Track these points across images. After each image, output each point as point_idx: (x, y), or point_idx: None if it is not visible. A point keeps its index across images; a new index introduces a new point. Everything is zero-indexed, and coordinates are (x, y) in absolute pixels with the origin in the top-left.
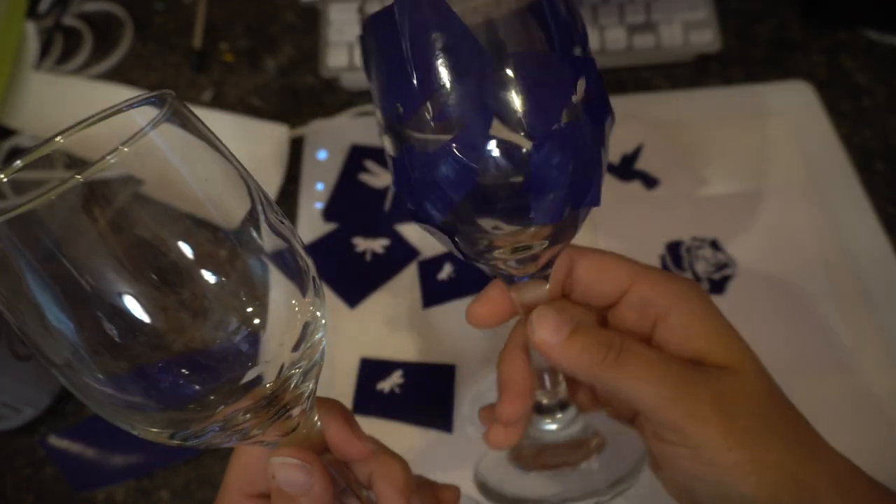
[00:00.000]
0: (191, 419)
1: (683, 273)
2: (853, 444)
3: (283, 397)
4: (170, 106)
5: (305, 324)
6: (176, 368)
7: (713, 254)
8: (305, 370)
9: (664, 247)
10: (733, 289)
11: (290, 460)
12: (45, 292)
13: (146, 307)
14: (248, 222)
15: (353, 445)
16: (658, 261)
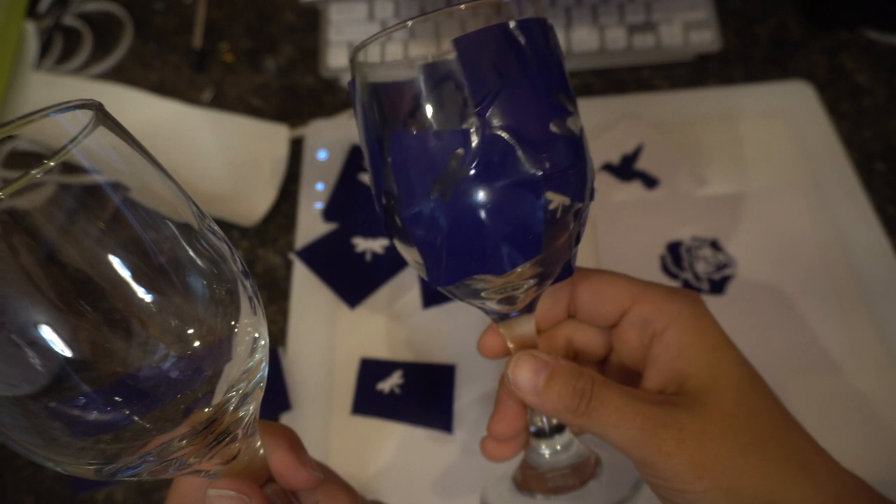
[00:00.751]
0: (122, 450)
1: (683, 273)
2: (852, 445)
3: (221, 422)
4: (97, 116)
5: (244, 345)
6: (106, 396)
7: (713, 254)
8: (245, 393)
9: (664, 247)
10: (733, 289)
11: (226, 492)
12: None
13: (65, 335)
14: (181, 238)
15: (297, 474)
16: (658, 261)
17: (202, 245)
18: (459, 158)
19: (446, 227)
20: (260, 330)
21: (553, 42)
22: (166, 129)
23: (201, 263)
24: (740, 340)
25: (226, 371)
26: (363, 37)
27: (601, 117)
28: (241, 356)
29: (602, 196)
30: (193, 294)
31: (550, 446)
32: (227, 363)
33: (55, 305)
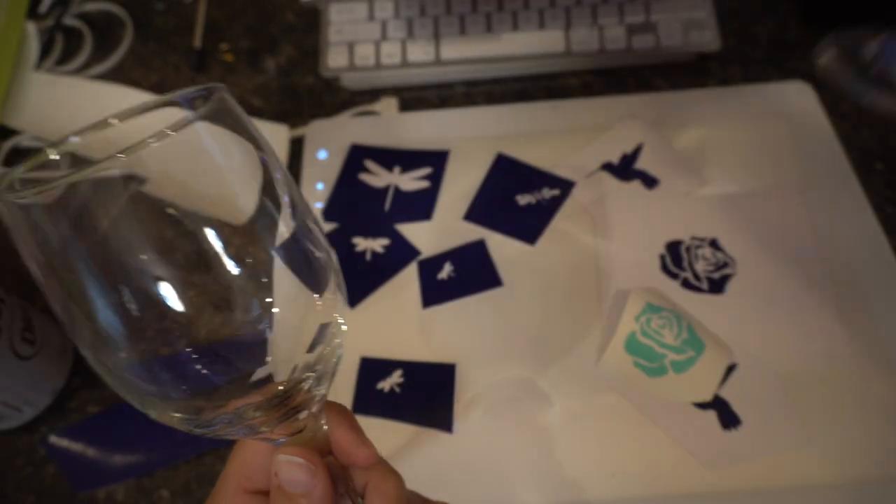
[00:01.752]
0: (203, 407)
1: (683, 273)
2: (852, 444)
3: (294, 398)
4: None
5: (322, 325)
6: (196, 357)
7: (713, 253)
8: (320, 375)
9: (664, 246)
10: (733, 288)
11: (295, 459)
12: (88, 270)
13: (176, 292)
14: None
15: (358, 451)
16: (658, 260)
17: (315, 234)
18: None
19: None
20: (343, 314)
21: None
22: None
23: (285, 240)
24: (738, 339)
25: (302, 348)
26: (363, 36)
27: (601, 117)
28: (319, 336)
29: (602, 196)
30: (275, 267)
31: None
32: (304, 341)
33: (167, 262)
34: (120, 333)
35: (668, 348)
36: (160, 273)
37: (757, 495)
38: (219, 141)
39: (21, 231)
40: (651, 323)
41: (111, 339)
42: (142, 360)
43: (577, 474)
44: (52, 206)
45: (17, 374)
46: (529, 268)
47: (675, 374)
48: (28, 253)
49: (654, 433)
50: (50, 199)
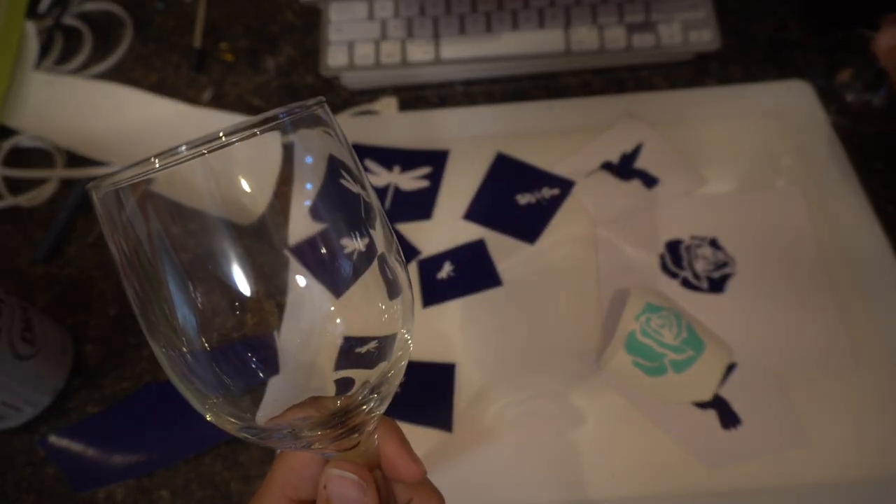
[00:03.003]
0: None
1: (683, 272)
2: (852, 444)
3: (353, 419)
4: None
5: (388, 339)
6: (253, 352)
7: (713, 252)
8: (383, 396)
9: (664, 245)
10: (732, 287)
11: (347, 475)
12: (167, 258)
13: (244, 285)
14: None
15: (408, 467)
16: (658, 259)
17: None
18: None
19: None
20: (411, 331)
21: None
22: (166, 129)
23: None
24: (738, 339)
25: (367, 365)
26: (363, 36)
27: (601, 117)
28: (383, 351)
29: (601, 195)
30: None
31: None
32: (382, 362)
33: (241, 258)
34: (192, 325)
35: (667, 348)
36: (232, 270)
37: (757, 495)
38: (302, 150)
39: (111, 223)
40: (651, 322)
41: (183, 328)
42: (205, 350)
43: (576, 473)
44: (138, 201)
45: (17, 374)
46: (529, 267)
47: (675, 373)
48: (115, 244)
49: (654, 433)
50: (139, 193)
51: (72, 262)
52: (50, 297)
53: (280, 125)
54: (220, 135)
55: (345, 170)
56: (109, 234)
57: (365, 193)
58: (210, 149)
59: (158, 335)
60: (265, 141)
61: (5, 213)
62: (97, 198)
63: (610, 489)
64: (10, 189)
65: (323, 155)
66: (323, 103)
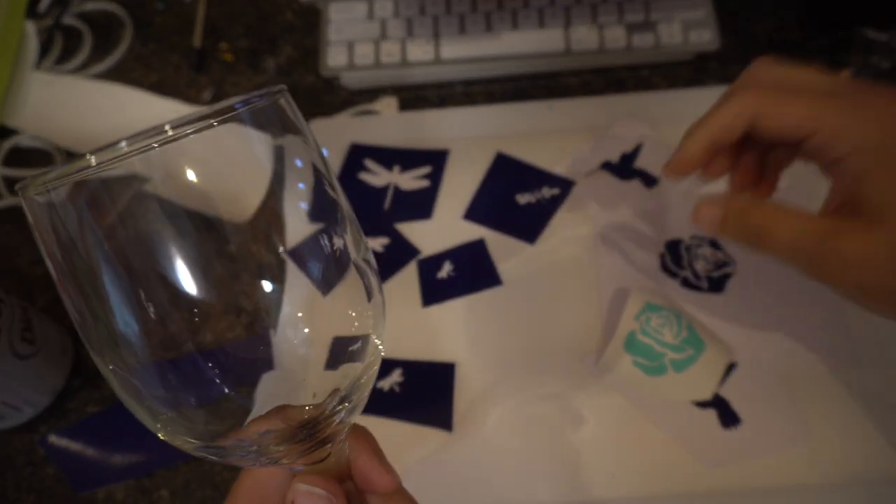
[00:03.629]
0: (218, 432)
1: (683, 271)
2: (852, 444)
3: (323, 430)
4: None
5: (355, 345)
6: (211, 360)
7: (712, 252)
8: (354, 406)
9: (664, 245)
10: (732, 287)
11: (316, 490)
12: (108, 267)
13: (198, 293)
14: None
15: (381, 478)
16: (657, 259)
17: (359, 247)
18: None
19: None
20: (381, 336)
21: None
22: None
23: (356, 262)
24: (738, 338)
25: (328, 371)
26: (363, 35)
27: (601, 116)
28: (350, 353)
29: (601, 194)
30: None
31: None
32: (330, 361)
33: (187, 260)
34: (135, 332)
35: (667, 347)
36: (181, 273)
37: (757, 495)
38: (254, 143)
39: (42, 226)
40: (651, 322)
41: (126, 338)
42: (154, 360)
43: (576, 473)
44: (71, 200)
45: (17, 374)
46: (529, 267)
47: (675, 372)
48: (47, 249)
49: (654, 433)
50: (66, 194)
51: None
52: (50, 297)
53: (237, 116)
54: (165, 128)
55: (318, 175)
56: (41, 241)
57: (334, 195)
58: (160, 142)
59: (102, 349)
60: (221, 134)
61: (5, 213)
62: (25, 200)
63: (610, 489)
64: (10, 189)
65: (289, 154)
66: (284, 91)
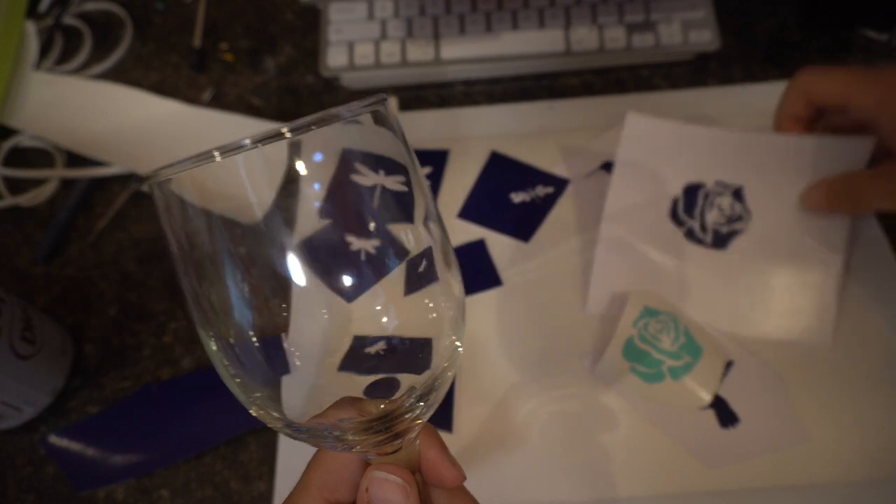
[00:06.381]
0: (302, 413)
1: (691, 221)
2: (852, 443)
3: (397, 425)
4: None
5: (438, 347)
6: (302, 346)
7: (732, 204)
8: (430, 404)
9: (681, 188)
10: (736, 246)
11: (391, 477)
12: (226, 251)
13: (298, 279)
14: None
15: (449, 471)
16: (669, 204)
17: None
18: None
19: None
20: (461, 338)
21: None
22: (166, 129)
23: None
24: (727, 305)
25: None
26: (363, 36)
27: (601, 117)
28: (437, 365)
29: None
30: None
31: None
32: (426, 370)
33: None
34: (246, 317)
35: (665, 354)
36: (290, 263)
37: (757, 495)
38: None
39: (171, 212)
40: (649, 327)
41: (236, 321)
42: (257, 340)
43: (575, 473)
44: (199, 190)
45: (17, 374)
46: (524, 265)
47: (673, 380)
48: (173, 233)
49: (653, 432)
50: (198, 185)
51: (72, 262)
52: (50, 297)
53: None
54: (282, 130)
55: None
56: (167, 224)
57: (422, 194)
58: (266, 142)
59: (209, 326)
60: (323, 137)
61: (5, 213)
62: (156, 188)
63: (609, 489)
64: (10, 189)
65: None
66: (384, 100)
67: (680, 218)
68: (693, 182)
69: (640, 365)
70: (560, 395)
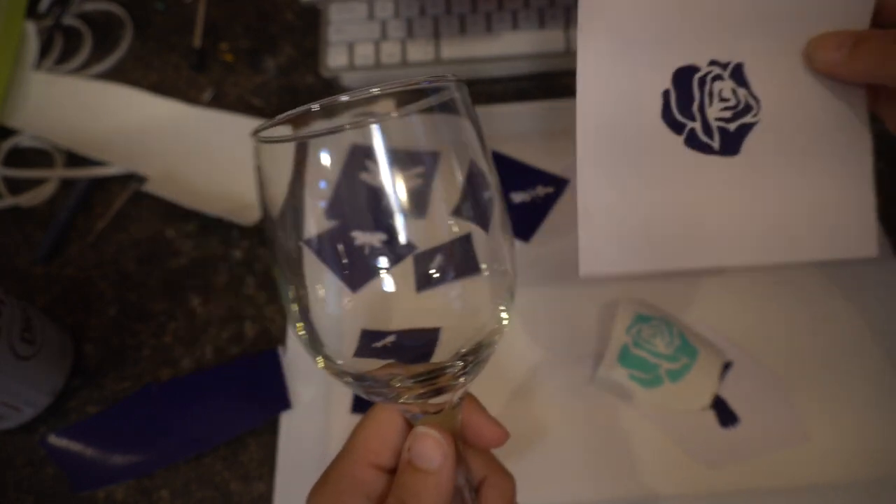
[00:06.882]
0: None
1: (691, 122)
2: (852, 443)
3: (440, 379)
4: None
5: (484, 325)
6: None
7: (734, 89)
8: (471, 364)
9: (670, 77)
10: (751, 146)
11: (432, 432)
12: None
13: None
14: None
15: (493, 430)
16: (660, 101)
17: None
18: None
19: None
20: (510, 310)
21: None
22: (166, 129)
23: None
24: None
25: (458, 341)
26: (363, 36)
27: None
28: (486, 332)
29: None
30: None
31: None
32: (463, 337)
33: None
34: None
35: (661, 357)
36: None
37: (757, 495)
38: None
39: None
40: (642, 333)
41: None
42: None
43: (575, 473)
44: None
45: (16, 374)
46: (524, 265)
47: (671, 383)
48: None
49: (653, 432)
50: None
51: (72, 262)
52: (50, 297)
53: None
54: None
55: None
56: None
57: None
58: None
59: (302, 288)
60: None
61: (5, 213)
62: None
63: (609, 489)
64: (10, 189)
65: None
66: (462, 84)
67: (676, 120)
68: (682, 65)
69: (637, 371)
70: (558, 396)
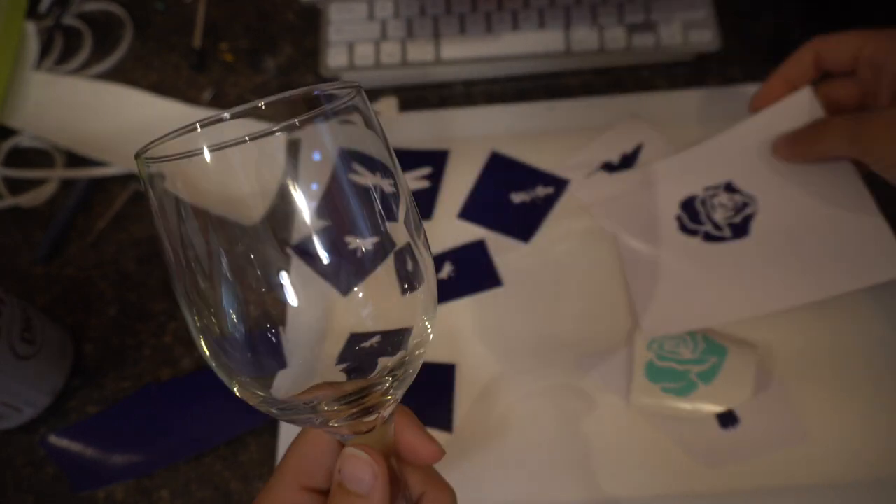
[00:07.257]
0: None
1: (702, 226)
2: (852, 443)
3: (369, 399)
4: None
5: (408, 328)
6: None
7: (729, 197)
8: (399, 379)
9: (678, 206)
10: (758, 227)
11: (361, 454)
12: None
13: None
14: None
15: (426, 447)
16: (675, 222)
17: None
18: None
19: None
20: (432, 321)
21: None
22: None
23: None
24: (769, 284)
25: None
26: (363, 36)
27: (601, 117)
28: (400, 340)
29: (601, 195)
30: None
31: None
32: (400, 350)
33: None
34: (234, 310)
35: (688, 363)
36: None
37: (757, 495)
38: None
39: (164, 210)
40: (664, 346)
41: (225, 313)
42: (243, 331)
43: (575, 473)
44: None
45: (16, 374)
46: (524, 266)
47: (705, 384)
48: (166, 227)
49: (653, 432)
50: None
51: (72, 262)
52: (50, 297)
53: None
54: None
55: (361, 161)
56: (162, 225)
57: (389, 182)
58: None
59: (195, 315)
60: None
61: (5, 213)
62: (149, 176)
63: (609, 489)
64: (10, 189)
65: (335, 149)
66: (360, 89)
67: (690, 229)
68: (684, 197)
69: (667, 382)
70: (559, 397)
